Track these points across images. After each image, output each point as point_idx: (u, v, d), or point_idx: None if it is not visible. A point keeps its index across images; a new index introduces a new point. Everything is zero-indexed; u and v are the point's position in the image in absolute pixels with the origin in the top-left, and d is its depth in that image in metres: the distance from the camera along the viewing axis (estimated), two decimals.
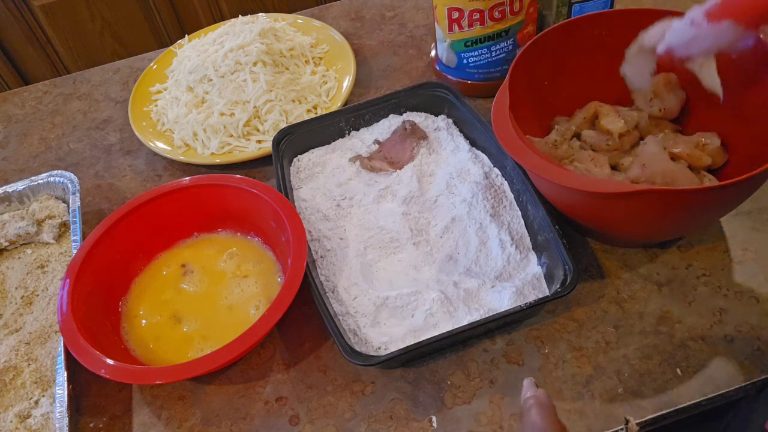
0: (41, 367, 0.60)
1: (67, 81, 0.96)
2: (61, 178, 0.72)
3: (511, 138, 0.55)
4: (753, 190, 0.53)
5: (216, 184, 0.66)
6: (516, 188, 0.64)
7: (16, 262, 0.70)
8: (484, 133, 0.68)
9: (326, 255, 0.63)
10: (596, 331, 0.57)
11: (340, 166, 0.72)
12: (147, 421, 0.57)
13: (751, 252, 0.61)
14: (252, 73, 0.80)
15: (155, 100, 0.86)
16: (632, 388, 0.54)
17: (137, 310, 0.63)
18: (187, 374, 0.53)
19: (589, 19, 0.64)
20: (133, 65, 0.97)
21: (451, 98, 0.73)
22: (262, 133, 0.78)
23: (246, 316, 0.61)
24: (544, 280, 0.59)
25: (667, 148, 0.61)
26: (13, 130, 0.90)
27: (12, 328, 0.64)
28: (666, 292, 0.59)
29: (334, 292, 0.60)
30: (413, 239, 0.63)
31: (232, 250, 0.66)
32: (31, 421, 0.56)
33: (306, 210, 0.67)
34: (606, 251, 0.63)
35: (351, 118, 0.74)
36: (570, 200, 0.57)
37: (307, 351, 0.60)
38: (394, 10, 0.97)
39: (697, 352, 0.55)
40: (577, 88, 0.67)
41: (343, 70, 0.85)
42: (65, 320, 0.56)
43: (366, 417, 0.55)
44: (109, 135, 0.86)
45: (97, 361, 0.53)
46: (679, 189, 0.50)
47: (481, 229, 0.62)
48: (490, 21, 0.71)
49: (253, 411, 0.57)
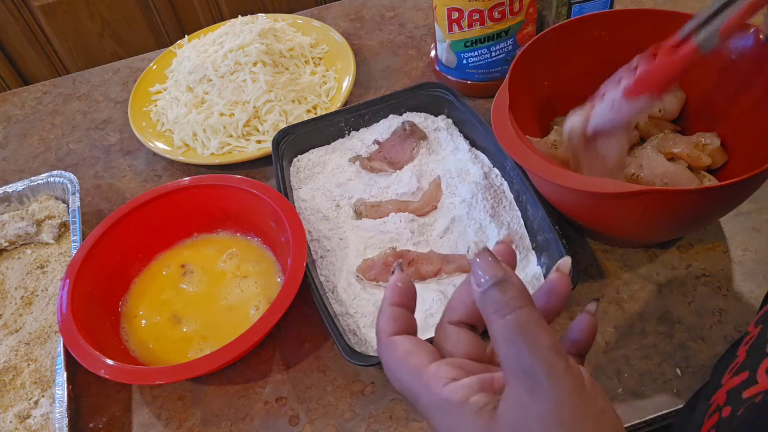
0: (41, 368, 0.60)
1: (66, 81, 0.96)
2: (60, 178, 0.72)
3: (511, 138, 0.55)
4: (753, 190, 0.53)
5: (216, 185, 0.66)
6: (515, 188, 0.64)
7: (15, 262, 0.70)
8: (483, 134, 0.68)
9: (326, 255, 0.63)
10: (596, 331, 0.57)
11: (340, 166, 0.72)
12: (147, 422, 0.57)
13: (750, 252, 0.61)
14: (252, 74, 0.80)
15: (155, 101, 0.86)
16: (632, 388, 0.54)
17: (137, 311, 0.63)
18: (186, 374, 0.53)
19: (589, 19, 0.64)
20: (133, 65, 0.97)
21: (450, 98, 0.73)
22: (261, 134, 0.78)
23: (246, 317, 0.61)
24: (544, 280, 0.59)
25: (667, 149, 0.61)
26: (13, 130, 0.90)
27: (12, 329, 0.64)
28: (666, 292, 0.59)
29: (334, 292, 0.60)
30: (413, 239, 0.63)
31: (231, 251, 0.66)
32: (30, 421, 0.56)
33: (306, 210, 0.67)
34: (606, 251, 0.63)
35: (351, 118, 0.74)
36: (570, 200, 0.57)
37: (307, 351, 0.60)
38: (394, 11, 0.97)
39: (697, 352, 0.55)
40: (577, 88, 0.67)
41: (342, 71, 0.85)
42: (65, 320, 0.56)
43: (366, 417, 0.55)
44: (109, 135, 0.86)
45: (97, 361, 0.53)
46: (679, 189, 0.50)
47: (480, 229, 0.62)
48: (489, 21, 0.71)
49: (253, 411, 0.57)
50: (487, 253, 0.30)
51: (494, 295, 0.29)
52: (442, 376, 0.31)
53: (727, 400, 0.36)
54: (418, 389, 0.32)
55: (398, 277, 0.35)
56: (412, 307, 0.35)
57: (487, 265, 0.29)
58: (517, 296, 0.29)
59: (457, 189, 0.66)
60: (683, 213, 0.53)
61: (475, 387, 0.30)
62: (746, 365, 0.37)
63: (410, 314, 0.35)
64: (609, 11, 0.65)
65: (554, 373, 0.28)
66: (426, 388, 0.31)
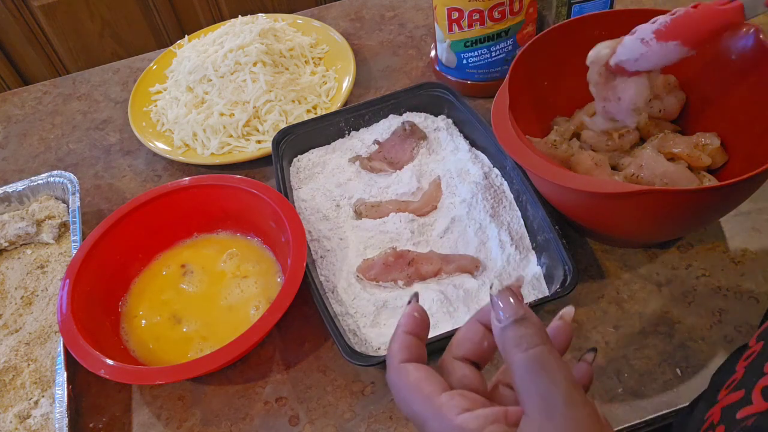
0: (41, 368, 0.60)
1: (66, 81, 0.96)
2: (60, 178, 0.72)
3: (511, 138, 0.55)
4: (753, 190, 0.53)
5: (216, 185, 0.66)
6: (516, 188, 0.64)
7: (15, 262, 0.70)
8: (483, 134, 0.68)
9: (326, 255, 0.63)
10: (596, 332, 0.57)
11: (340, 166, 0.72)
12: (146, 422, 0.57)
13: (750, 252, 0.61)
14: (252, 74, 0.80)
15: (155, 101, 0.86)
16: (632, 388, 0.54)
17: (137, 311, 0.63)
18: (186, 374, 0.53)
19: (589, 19, 0.64)
20: (133, 65, 0.97)
21: (450, 98, 0.73)
22: (261, 134, 0.78)
23: (246, 317, 0.61)
24: (544, 280, 0.59)
25: (667, 149, 0.61)
26: (13, 130, 0.90)
27: (12, 329, 0.64)
28: (666, 292, 0.59)
29: (333, 292, 0.60)
30: (413, 239, 0.63)
31: (231, 251, 0.66)
32: (30, 421, 0.56)
33: (306, 210, 0.67)
34: (606, 251, 0.63)
35: (351, 118, 0.74)
36: (570, 200, 0.57)
37: (307, 351, 0.60)
38: (394, 11, 0.97)
39: (697, 352, 0.55)
40: (577, 88, 0.67)
41: (342, 71, 0.85)
42: (65, 320, 0.56)
43: (366, 417, 0.55)
44: (109, 135, 0.86)
45: (97, 361, 0.53)
46: (679, 189, 0.50)
47: (480, 229, 0.62)
48: (489, 21, 0.71)
49: (253, 411, 0.57)
50: (509, 292, 0.32)
51: (514, 331, 0.31)
52: (455, 405, 0.32)
53: (722, 419, 0.36)
54: (428, 416, 0.33)
55: (414, 307, 0.37)
56: (424, 337, 0.36)
57: (508, 304, 0.32)
58: (536, 334, 0.31)
59: (457, 189, 0.66)
60: (683, 213, 0.53)
61: (490, 418, 0.31)
62: (743, 383, 0.37)
63: (422, 344, 0.36)
64: (609, 11, 0.65)
65: (573, 401, 0.29)
66: (438, 416, 0.32)
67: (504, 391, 0.36)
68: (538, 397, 0.30)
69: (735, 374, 0.39)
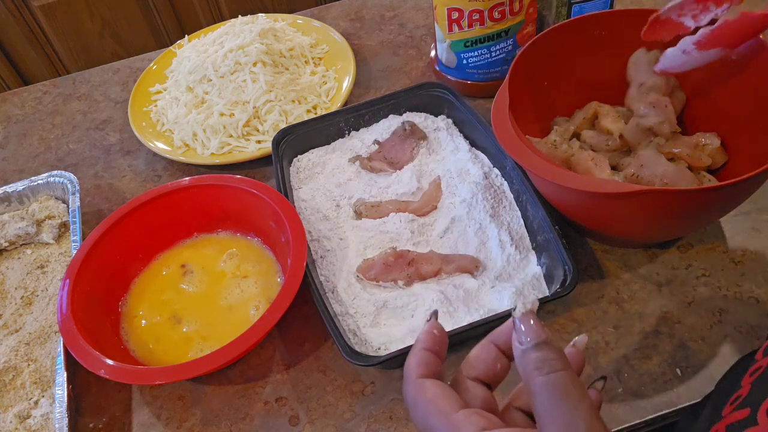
0: (41, 368, 0.60)
1: (66, 81, 0.96)
2: (60, 178, 0.72)
3: (511, 138, 0.55)
4: (753, 190, 0.53)
5: (215, 185, 0.66)
6: (516, 188, 0.64)
7: (15, 262, 0.70)
8: (483, 134, 0.68)
9: (326, 255, 0.63)
10: (596, 332, 0.57)
11: (340, 166, 0.72)
12: (146, 422, 0.57)
13: (750, 252, 0.61)
14: (252, 74, 0.80)
15: (155, 101, 0.86)
16: (632, 388, 0.54)
17: (137, 311, 0.63)
18: (186, 374, 0.53)
19: (589, 19, 0.64)
20: (133, 65, 0.97)
21: (450, 98, 0.73)
22: (261, 134, 0.78)
23: (246, 317, 0.61)
24: (544, 280, 0.59)
25: (667, 149, 0.61)
26: (13, 130, 0.90)
27: (12, 329, 0.64)
28: (666, 292, 0.59)
29: (333, 292, 0.60)
30: (413, 239, 0.63)
31: (231, 251, 0.66)
32: (30, 421, 0.56)
33: (306, 210, 0.67)
34: (606, 251, 0.63)
35: (351, 118, 0.74)
36: (569, 200, 0.57)
37: (307, 351, 0.60)
38: (394, 11, 0.97)
39: (697, 352, 0.55)
40: (577, 88, 0.67)
41: (342, 71, 0.85)
42: (65, 320, 0.56)
43: (366, 417, 0.55)
44: (109, 135, 0.86)
45: (97, 361, 0.53)
46: (679, 189, 0.50)
47: (480, 229, 0.62)
48: (489, 21, 0.71)
49: (253, 411, 0.57)
50: (531, 316, 0.33)
51: (536, 354, 0.31)
52: (473, 423, 0.32)
53: None
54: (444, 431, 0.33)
55: (434, 325, 0.37)
56: (442, 355, 0.37)
57: (530, 327, 0.32)
58: (558, 359, 0.31)
59: (457, 189, 0.66)
60: (683, 213, 0.53)
61: None
62: (749, 400, 0.37)
63: (440, 362, 0.37)
64: (609, 11, 0.65)
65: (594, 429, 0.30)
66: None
67: (515, 414, 0.37)
68: (561, 422, 0.30)
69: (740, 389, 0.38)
